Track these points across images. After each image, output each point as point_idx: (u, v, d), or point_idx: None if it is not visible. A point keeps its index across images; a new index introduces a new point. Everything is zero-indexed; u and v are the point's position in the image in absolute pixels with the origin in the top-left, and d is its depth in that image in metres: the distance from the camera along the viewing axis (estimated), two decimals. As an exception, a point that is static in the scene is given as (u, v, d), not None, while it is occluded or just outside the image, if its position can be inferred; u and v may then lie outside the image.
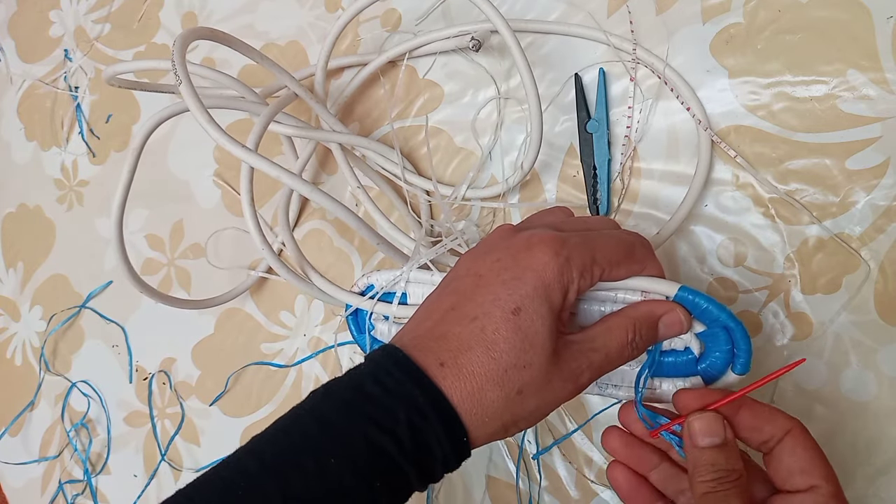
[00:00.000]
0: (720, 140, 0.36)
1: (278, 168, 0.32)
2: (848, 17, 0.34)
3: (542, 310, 0.25)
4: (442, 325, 0.26)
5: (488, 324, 0.25)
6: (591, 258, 0.26)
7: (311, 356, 0.47)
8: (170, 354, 0.53)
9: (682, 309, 0.28)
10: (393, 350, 0.26)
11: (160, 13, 0.57)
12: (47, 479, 0.57)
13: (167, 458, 0.52)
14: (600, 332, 0.27)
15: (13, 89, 0.65)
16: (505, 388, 0.25)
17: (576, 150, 0.40)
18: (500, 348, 0.25)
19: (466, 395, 0.24)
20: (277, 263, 0.39)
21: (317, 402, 0.25)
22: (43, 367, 0.59)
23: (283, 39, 0.51)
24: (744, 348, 0.28)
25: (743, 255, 0.36)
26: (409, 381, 0.24)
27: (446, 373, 0.25)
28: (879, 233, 0.33)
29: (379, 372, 0.25)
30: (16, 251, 0.63)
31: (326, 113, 0.43)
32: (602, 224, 0.30)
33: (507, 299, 0.25)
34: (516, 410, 0.25)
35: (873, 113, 0.33)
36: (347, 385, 0.25)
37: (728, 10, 0.37)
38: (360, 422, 0.24)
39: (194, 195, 0.54)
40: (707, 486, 0.25)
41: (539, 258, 0.26)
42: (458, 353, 0.25)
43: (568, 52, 0.41)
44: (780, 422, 0.26)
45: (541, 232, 0.27)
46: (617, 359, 0.27)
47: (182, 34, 0.33)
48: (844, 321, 0.34)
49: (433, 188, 0.41)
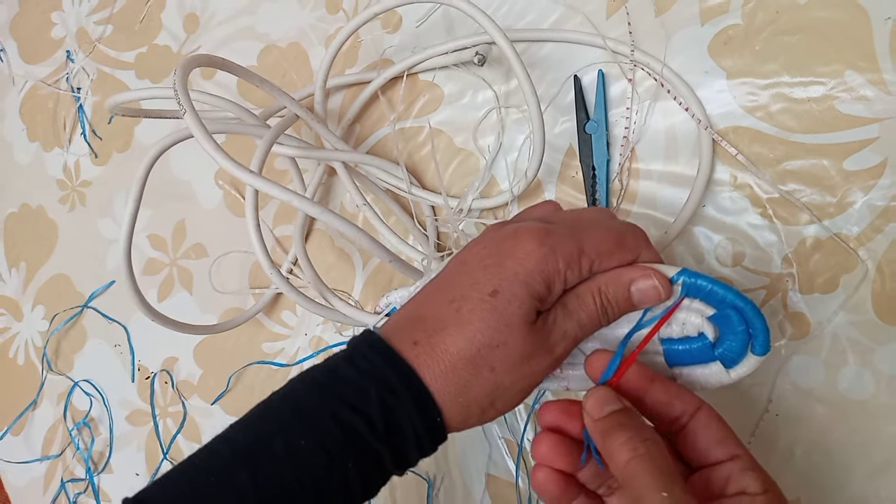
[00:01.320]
0: (721, 138, 0.36)
1: (288, 192, 0.32)
2: (846, 19, 0.34)
3: (520, 293, 0.25)
4: (420, 308, 0.26)
5: (464, 305, 0.25)
6: (577, 249, 0.26)
7: (313, 355, 0.47)
8: (172, 354, 0.53)
9: (658, 273, 0.27)
10: (369, 333, 0.26)
11: (162, 14, 0.57)
12: (49, 477, 0.58)
13: (169, 457, 0.52)
14: (570, 299, 0.27)
15: (15, 90, 0.65)
16: (478, 367, 0.25)
17: (575, 151, 0.40)
18: (475, 327, 0.25)
19: (439, 374, 0.24)
20: (294, 294, 0.39)
21: (292, 387, 0.26)
22: (45, 366, 0.59)
23: (285, 41, 0.51)
24: (759, 327, 0.27)
25: (741, 255, 0.36)
26: (382, 361, 0.25)
27: (419, 351, 0.25)
28: (877, 233, 0.33)
29: (354, 354, 0.25)
30: (18, 251, 0.63)
31: (328, 132, 0.43)
32: (595, 215, 0.29)
33: (485, 283, 0.25)
34: (490, 389, 0.25)
35: (871, 114, 0.33)
36: (322, 369, 0.26)
37: (726, 12, 0.37)
38: (331, 403, 0.24)
39: (196, 195, 0.54)
40: (627, 449, 0.23)
41: (522, 246, 0.26)
42: (433, 332, 0.25)
43: (567, 54, 0.41)
44: (690, 398, 0.26)
45: (528, 223, 0.27)
46: (589, 325, 0.27)
47: (181, 63, 0.33)
48: (842, 321, 0.34)
49: (442, 203, 0.42)
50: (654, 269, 0.27)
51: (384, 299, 0.36)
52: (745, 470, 0.24)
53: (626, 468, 0.23)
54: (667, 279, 0.27)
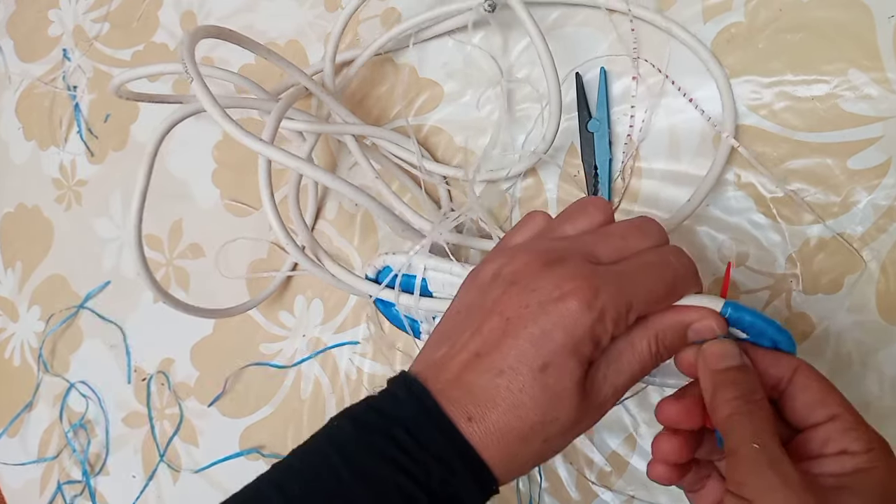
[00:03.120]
0: (738, 143, 0.35)
1: (298, 159, 0.32)
2: (849, 17, 0.34)
3: (569, 364, 0.24)
4: (467, 373, 0.25)
5: (514, 381, 0.24)
6: (627, 306, 0.25)
7: (311, 357, 0.47)
8: (168, 355, 0.53)
9: (716, 316, 0.26)
10: (420, 392, 0.25)
11: (159, 12, 0.57)
12: (46, 479, 0.57)
13: (166, 459, 0.52)
14: (624, 350, 0.26)
15: (11, 89, 0.65)
16: (531, 443, 0.25)
17: (577, 150, 0.40)
18: (527, 407, 0.24)
19: (495, 451, 0.25)
20: (302, 257, 0.39)
21: (344, 441, 0.25)
22: (41, 367, 0.59)
23: (283, 39, 0.51)
24: (789, 350, 0.27)
25: (744, 255, 0.36)
26: (442, 437, 0.24)
27: (474, 428, 0.24)
28: (881, 233, 0.33)
29: (408, 420, 0.25)
30: (14, 251, 0.62)
31: (339, 106, 0.42)
32: (645, 240, 0.27)
33: (534, 356, 0.24)
34: (543, 454, 0.26)
35: (875, 112, 0.33)
36: (375, 428, 0.25)
37: (729, 10, 0.37)
38: (392, 471, 0.24)
39: (193, 195, 0.53)
40: (731, 406, 0.24)
41: (570, 313, 0.24)
42: (486, 409, 0.25)
43: (568, 51, 0.41)
44: (786, 361, 0.26)
45: (574, 272, 0.25)
46: (641, 374, 0.26)
47: (190, 32, 0.32)
48: (846, 321, 0.33)
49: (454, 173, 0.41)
50: (712, 311, 0.26)
51: (381, 259, 0.36)
52: (846, 430, 0.24)
53: (726, 421, 0.24)
54: (723, 321, 0.26)
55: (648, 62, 0.38)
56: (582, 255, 0.26)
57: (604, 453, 0.38)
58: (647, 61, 0.38)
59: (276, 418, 0.48)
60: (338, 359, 0.46)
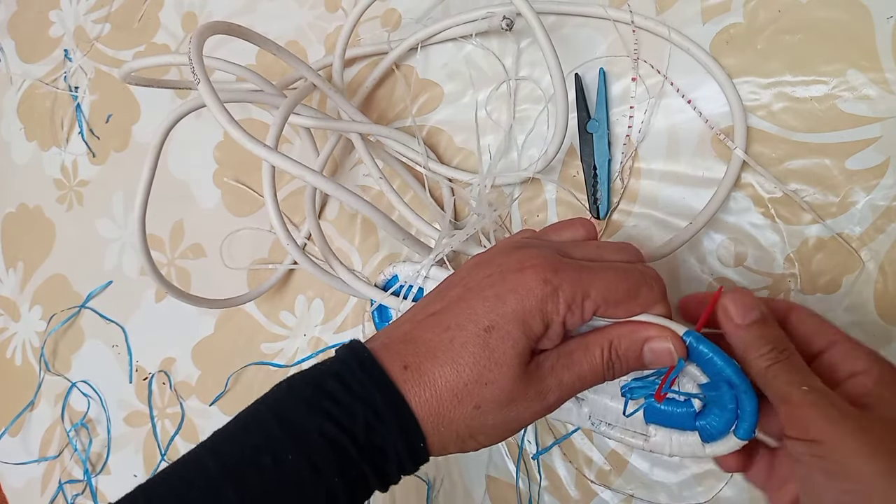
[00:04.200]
0: (748, 157, 0.35)
1: (301, 167, 0.32)
2: (848, 18, 0.34)
3: (514, 332, 0.25)
4: (416, 330, 0.26)
5: (458, 335, 0.25)
6: (583, 292, 0.25)
7: (311, 356, 0.47)
8: (170, 354, 0.53)
9: (675, 337, 0.26)
10: (360, 348, 0.26)
11: (160, 13, 0.57)
12: (47, 479, 0.57)
13: (167, 458, 0.52)
14: (576, 348, 0.26)
15: (13, 89, 0.65)
16: (463, 402, 0.25)
17: (576, 150, 0.40)
18: (464, 361, 0.25)
19: (424, 401, 0.25)
20: (303, 258, 0.39)
21: (278, 398, 0.25)
22: (43, 367, 0.59)
23: (283, 39, 0.51)
24: (749, 410, 0.25)
25: (743, 256, 0.36)
26: (370, 382, 0.25)
27: (408, 376, 0.25)
28: (879, 233, 0.33)
29: (342, 370, 0.25)
30: (16, 251, 0.63)
31: (346, 103, 0.42)
32: (615, 254, 0.28)
33: (482, 316, 0.25)
34: (473, 424, 0.25)
35: (873, 113, 0.33)
36: (310, 381, 0.25)
37: (728, 11, 0.37)
38: (318, 418, 0.24)
39: (194, 195, 0.54)
40: (768, 358, 0.25)
41: (526, 282, 0.25)
42: (424, 358, 0.25)
43: (568, 52, 0.41)
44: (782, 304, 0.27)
45: (538, 253, 0.26)
46: (591, 379, 0.26)
47: (199, 29, 0.32)
48: (844, 321, 0.33)
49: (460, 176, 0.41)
50: (672, 330, 0.26)
51: (390, 268, 0.36)
52: (847, 353, 0.25)
53: (767, 372, 0.25)
54: (683, 344, 0.26)
55: (648, 63, 0.38)
56: (553, 248, 0.27)
57: (603, 452, 0.38)
58: (647, 62, 0.38)
59: (277, 418, 0.48)
60: (338, 358, 0.46)
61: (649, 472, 0.37)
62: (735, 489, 0.35)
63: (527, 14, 0.35)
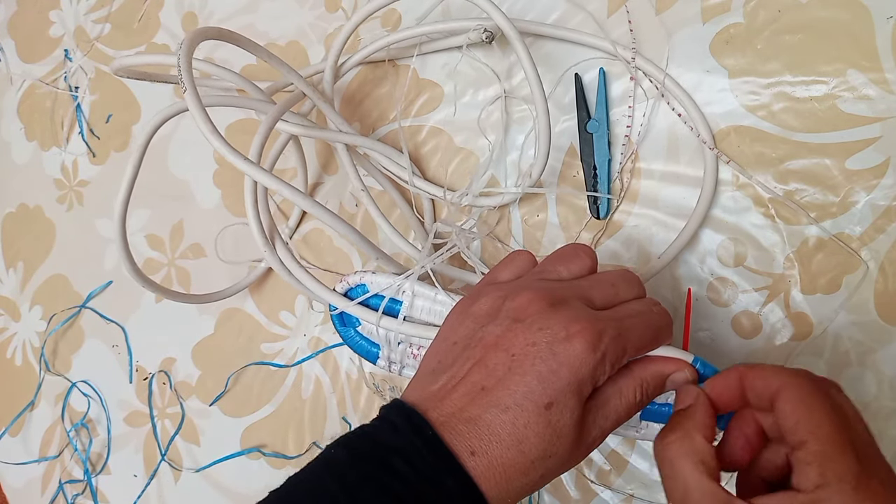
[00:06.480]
0: (721, 153, 0.36)
1: (279, 182, 0.32)
2: (848, 18, 0.34)
3: (572, 403, 0.26)
4: (472, 408, 0.26)
5: (520, 417, 0.25)
6: (623, 350, 0.27)
7: (311, 356, 0.47)
8: (170, 354, 0.53)
9: (692, 369, 0.28)
10: (420, 422, 0.26)
11: (160, 13, 0.57)
12: (47, 479, 0.57)
13: (167, 458, 0.52)
14: (612, 395, 0.27)
15: (13, 89, 0.65)
16: (530, 476, 0.26)
17: (576, 150, 0.40)
18: (531, 443, 0.25)
19: (494, 484, 0.25)
20: (275, 261, 0.39)
21: (341, 469, 0.25)
22: (43, 367, 0.59)
23: (284, 39, 0.51)
24: None
25: (743, 256, 0.36)
26: (442, 468, 0.25)
27: (477, 462, 0.25)
28: (879, 233, 0.33)
29: (409, 450, 0.25)
30: (16, 251, 0.63)
31: (334, 113, 0.42)
32: (630, 289, 0.30)
33: (540, 394, 0.25)
34: (534, 488, 0.26)
35: (873, 113, 0.33)
36: (373, 455, 0.25)
37: (728, 11, 0.37)
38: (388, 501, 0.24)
39: (194, 195, 0.54)
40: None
41: (577, 353, 0.26)
42: (489, 443, 0.25)
43: (568, 52, 0.41)
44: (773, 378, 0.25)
45: (580, 315, 0.26)
46: (626, 418, 0.28)
47: (190, 35, 0.32)
48: (844, 321, 0.34)
49: (443, 195, 0.41)
50: (688, 363, 0.28)
51: (356, 276, 0.36)
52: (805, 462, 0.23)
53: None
54: (695, 372, 0.28)
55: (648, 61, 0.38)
56: (580, 298, 0.28)
57: (603, 452, 0.38)
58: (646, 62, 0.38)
59: (278, 417, 0.48)
60: (338, 358, 0.46)
61: (649, 472, 0.37)
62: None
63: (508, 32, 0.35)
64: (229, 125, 0.52)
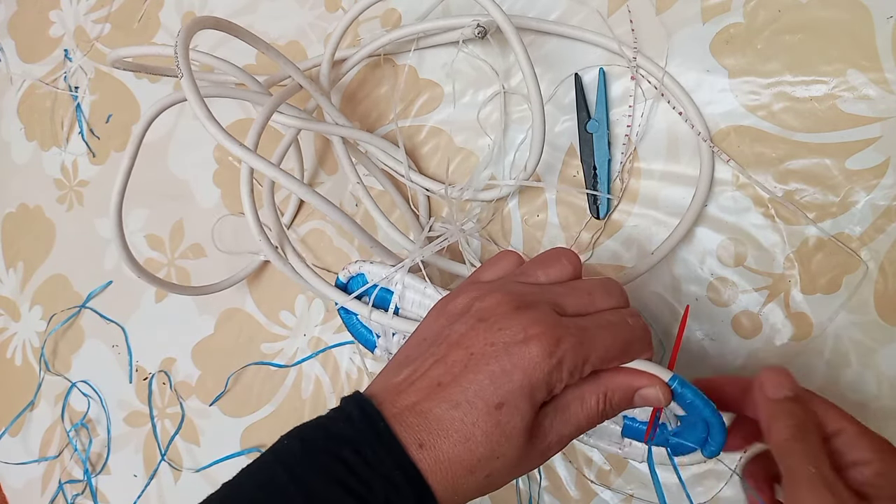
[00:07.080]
0: (721, 151, 0.36)
1: (276, 169, 0.32)
2: (848, 18, 0.34)
3: (523, 406, 0.26)
4: (426, 402, 0.26)
5: (469, 414, 0.25)
6: (584, 359, 0.26)
7: (311, 356, 0.47)
8: (170, 354, 0.53)
9: (663, 384, 0.28)
10: (373, 414, 0.26)
11: (160, 13, 0.57)
12: (47, 479, 0.57)
13: (167, 458, 0.52)
14: (573, 401, 0.27)
15: (13, 89, 0.65)
16: (476, 475, 0.26)
17: (576, 150, 0.40)
18: (478, 441, 0.25)
19: (441, 478, 0.25)
20: (272, 253, 0.39)
21: (293, 460, 0.25)
22: (43, 367, 0.59)
23: (283, 39, 0.51)
24: (718, 441, 0.29)
25: (743, 256, 0.36)
26: (390, 459, 0.25)
27: (425, 455, 0.25)
28: (879, 233, 0.33)
29: (359, 440, 0.25)
30: (16, 251, 0.63)
31: (330, 106, 0.42)
32: (608, 299, 0.29)
33: (492, 393, 0.25)
34: (483, 488, 0.26)
35: (873, 113, 0.33)
36: (325, 447, 0.26)
37: (728, 10, 0.37)
38: (337, 491, 0.24)
39: (194, 195, 0.54)
40: (788, 431, 0.26)
41: (532, 357, 0.25)
42: (438, 437, 0.25)
43: (568, 52, 0.41)
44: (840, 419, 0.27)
45: (540, 318, 0.26)
46: (587, 426, 0.28)
47: (187, 24, 0.32)
48: (844, 321, 0.34)
49: (439, 189, 0.41)
50: (660, 379, 0.28)
51: (356, 265, 0.36)
52: (853, 440, 0.26)
53: (784, 444, 0.26)
54: (669, 390, 0.28)
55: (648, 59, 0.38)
56: (550, 303, 0.28)
57: (603, 452, 0.38)
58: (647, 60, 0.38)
59: (278, 417, 0.48)
60: (338, 358, 0.46)
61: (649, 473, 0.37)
62: (735, 489, 0.35)
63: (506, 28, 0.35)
64: (228, 125, 0.52)
